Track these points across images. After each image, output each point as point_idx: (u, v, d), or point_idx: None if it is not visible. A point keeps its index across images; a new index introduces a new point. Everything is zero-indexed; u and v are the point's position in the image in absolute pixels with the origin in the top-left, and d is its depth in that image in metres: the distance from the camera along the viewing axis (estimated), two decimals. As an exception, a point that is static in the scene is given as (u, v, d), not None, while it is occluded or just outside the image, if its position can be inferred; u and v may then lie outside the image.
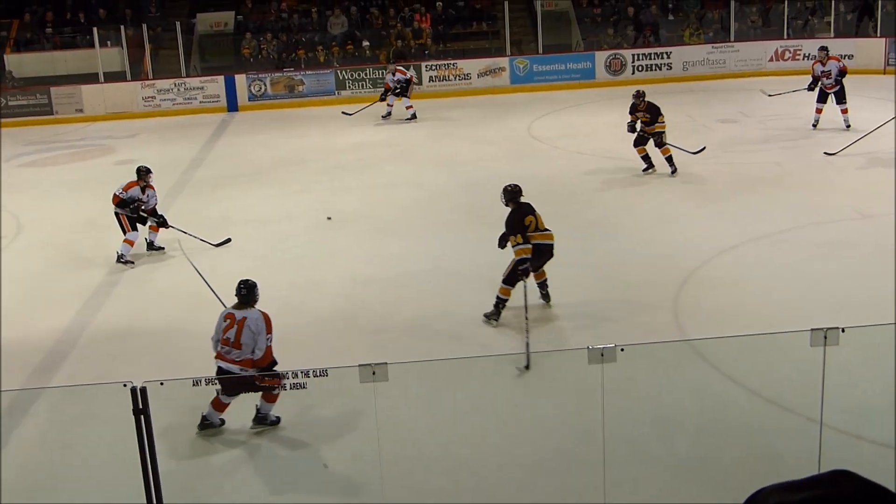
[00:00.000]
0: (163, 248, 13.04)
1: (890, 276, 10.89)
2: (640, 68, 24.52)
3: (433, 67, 24.21)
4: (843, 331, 6.04)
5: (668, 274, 11.24)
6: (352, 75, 24.08)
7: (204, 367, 7.90)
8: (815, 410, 6.61)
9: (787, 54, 24.68)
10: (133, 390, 5.98)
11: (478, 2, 26.50)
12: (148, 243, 13.05)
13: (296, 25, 25.64)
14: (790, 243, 12.18)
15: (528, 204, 10.14)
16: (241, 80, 23.91)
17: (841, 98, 18.02)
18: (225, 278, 11.95)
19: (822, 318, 7.13)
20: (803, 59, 24.34)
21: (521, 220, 9.89)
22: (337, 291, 11.38)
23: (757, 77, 24.07)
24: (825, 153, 16.12)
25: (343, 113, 21.65)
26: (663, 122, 15.32)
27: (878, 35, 24.19)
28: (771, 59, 24.64)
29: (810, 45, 24.51)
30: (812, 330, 6.07)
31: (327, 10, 25.88)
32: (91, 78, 23.76)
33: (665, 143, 15.35)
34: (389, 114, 21.32)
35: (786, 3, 25.19)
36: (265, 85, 23.93)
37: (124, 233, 12.76)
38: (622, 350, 6.01)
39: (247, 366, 7.69)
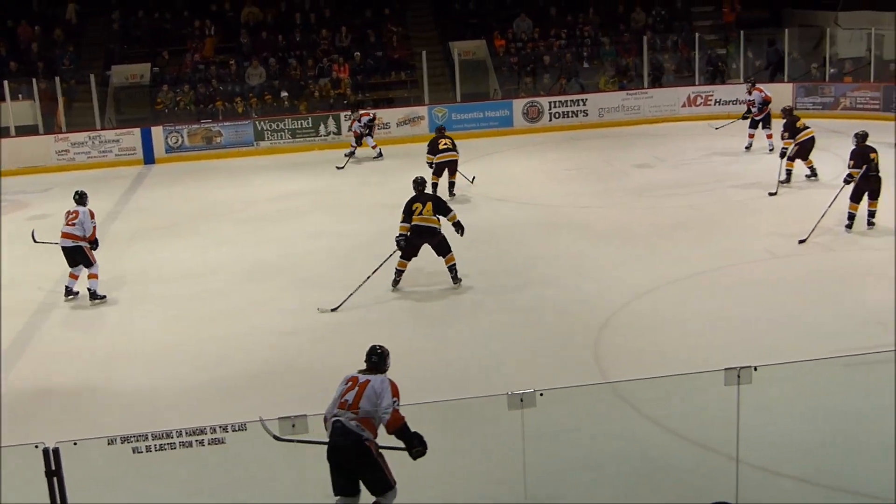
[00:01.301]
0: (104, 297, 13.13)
1: (802, 315, 11.15)
2: (556, 115, 24.87)
3: (352, 117, 24.28)
4: (755, 369, 6.16)
5: (588, 318, 11.36)
6: (270, 126, 24.03)
7: (118, 425, 7.74)
8: (733, 448, 6.71)
9: (700, 100, 25.27)
10: (45, 451, 5.83)
11: (396, 52, 26.71)
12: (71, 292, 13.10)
13: (213, 76, 25.54)
14: (706, 285, 12.40)
15: (426, 193, 13.07)
16: (157, 132, 23.69)
17: (766, 124, 20.08)
18: (144, 334, 11.89)
19: (739, 357, 7.25)
20: (715, 104, 24.98)
21: (409, 205, 12.71)
22: (261, 344, 11.26)
23: (671, 122, 24.60)
24: (769, 193, 16.56)
25: (337, 167, 21.56)
26: None
27: (787, 80, 24.92)
28: (684, 105, 25.19)
29: (722, 91, 25.22)
30: (726, 369, 6.18)
31: (245, 62, 25.84)
32: (2, 132, 23.33)
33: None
34: (353, 153, 21.94)
35: (696, 51, 25.82)
36: (182, 137, 23.75)
37: (88, 266, 12.96)
38: (541, 395, 6.04)
39: (364, 425, 6.93)
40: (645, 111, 25.12)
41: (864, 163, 14.21)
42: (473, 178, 18.67)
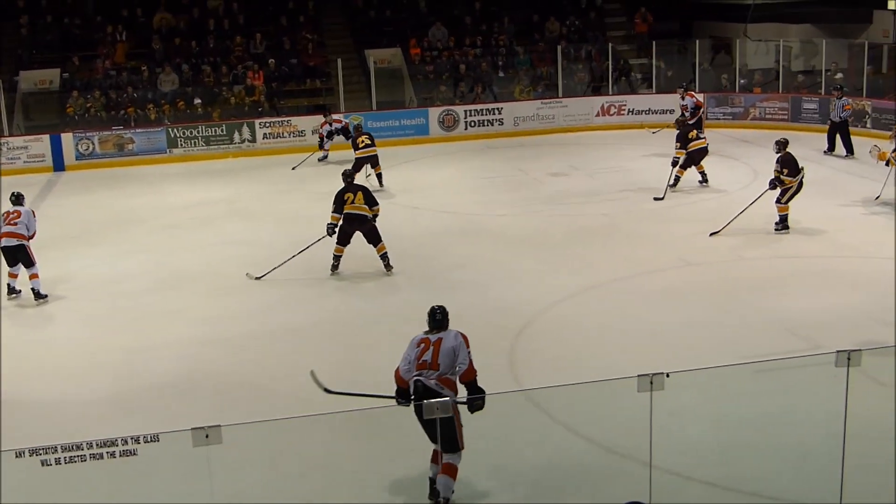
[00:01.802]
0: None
1: (714, 322, 11.37)
2: (472, 124, 25.01)
3: (267, 125, 24.11)
4: (667, 375, 6.25)
5: (503, 325, 11.42)
6: (184, 133, 23.73)
7: (27, 437, 7.56)
8: (646, 453, 6.80)
9: (613, 109, 25.64)
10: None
11: (311, 59, 26.59)
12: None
13: (125, 83, 25.11)
14: (620, 292, 12.57)
15: (355, 185, 13.67)
16: (67, 138, 23.22)
17: (699, 128, 20.10)
18: (55, 344, 11.64)
19: (653, 363, 7.35)
20: (628, 113, 25.37)
21: (340, 195, 13.46)
22: (175, 353, 11.10)
23: (585, 132, 24.89)
24: (655, 198, 16.76)
25: (293, 168, 21.80)
26: None
27: (698, 90, 25.36)
28: (598, 115, 25.53)
29: (634, 101, 25.62)
30: (638, 376, 6.26)
31: (157, 68, 25.47)
32: None
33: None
34: (326, 157, 22.39)
35: (610, 61, 26.17)
36: (93, 144, 23.32)
37: (30, 266, 12.97)
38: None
39: (444, 384, 7.40)
40: (559, 120, 25.39)
41: (797, 169, 14.83)
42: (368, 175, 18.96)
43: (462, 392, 7.41)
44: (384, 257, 13.66)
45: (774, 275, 13.15)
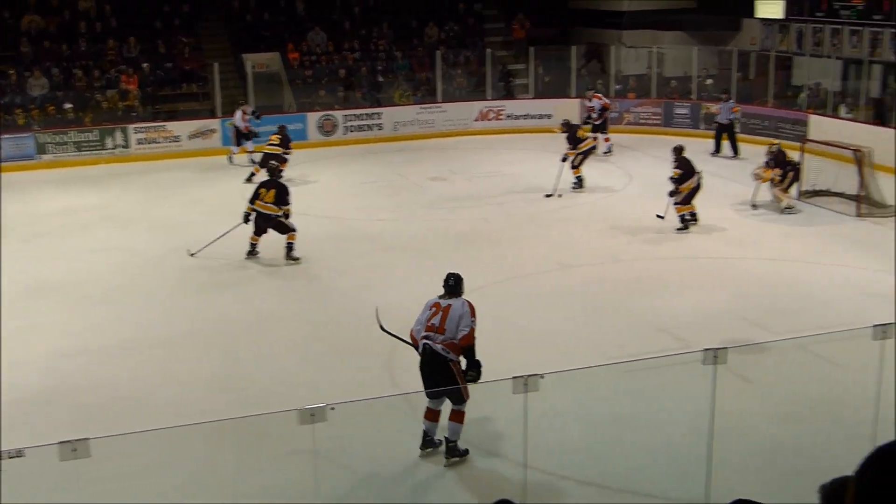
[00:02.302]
0: None
1: (589, 323, 11.56)
2: (351, 129, 24.92)
3: (141, 130, 23.59)
4: (542, 377, 6.33)
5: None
6: (54, 139, 23.03)
7: None
8: (521, 454, 6.87)
9: (492, 114, 25.86)
10: None
11: (187, 63, 26.13)
12: None
13: (-8, 86, 24.27)
14: (498, 295, 12.67)
15: (273, 181, 14.34)
16: (-70, 144, 22.32)
17: (604, 128, 21.67)
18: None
19: (529, 365, 7.43)
20: (507, 118, 25.62)
21: (258, 187, 14.29)
22: (42, 366, 10.75)
23: (464, 136, 25.04)
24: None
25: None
26: None
27: (574, 96, 25.80)
28: (477, 119, 25.72)
29: (513, 106, 25.89)
30: (513, 378, 6.32)
31: (26, 71, 24.69)
32: None
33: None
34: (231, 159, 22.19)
35: (488, 66, 26.39)
36: (-42, 149, 22.47)
37: None
38: (332, 409, 6.02)
39: (449, 347, 8.07)
40: (439, 125, 25.48)
41: (694, 171, 15.62)
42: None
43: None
44: (289, 247, 14.17)
45: (647, 276, 13.44)
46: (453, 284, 8.42)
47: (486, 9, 29.54)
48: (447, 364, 8.05)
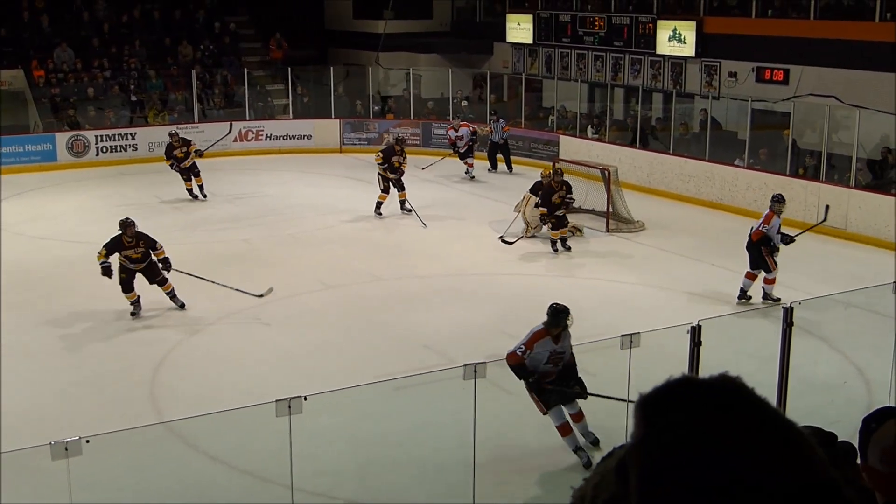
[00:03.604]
0: None
1: (353, 342, 11.60)
2: (104, 150, 24.00)
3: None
4: (305, 399, 6.30)
5: (144, 356, 11.05)
6: None
7: None
8: (288, 477, 6.80)
9: (251, 135, 25.53)
10: None
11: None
12: None
13: None
14: (261, 317, 12.53)
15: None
16: None
17: (470, 154, 21.85)
18: None
19: (293, 387, 7.38)
20: (266, 139, 25.34)
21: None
22: None
23: (223, 157, 24.52)
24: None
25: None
26: None
27: (333, 117, 25.87)
28: (235, 140, 25.26)
29: (272, 126, 25.64)
30: (276, 401, 6.26)
31: None
32: None
33: None
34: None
35: (246, 87, 26.02)
36: None
37: None
38: (87, 441, 5.77)
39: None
40: (197, 146, 24.85)
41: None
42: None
43: None
44: (171, 295, 12.94)
45: (410, 294, 13.63)
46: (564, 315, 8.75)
47: (242, 28, 29.21)
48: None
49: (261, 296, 12.97)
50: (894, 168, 17.38)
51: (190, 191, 19.79)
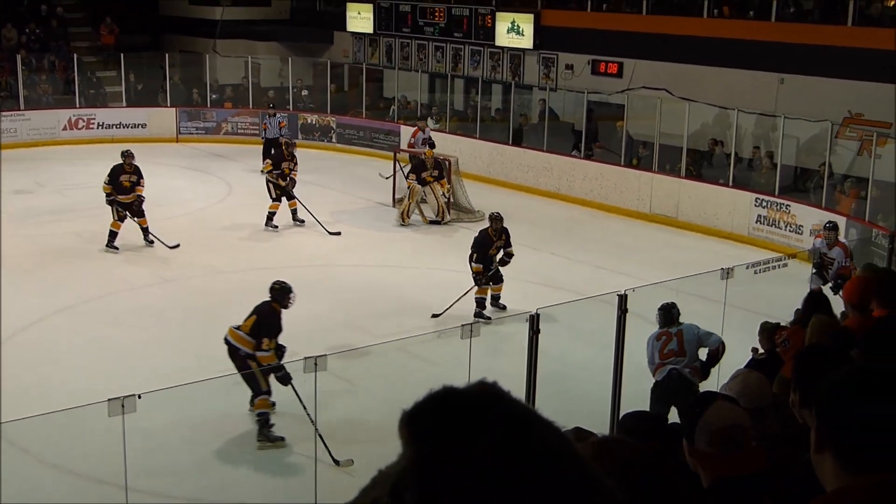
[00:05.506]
0: None
1: (190, 337, 11.34)
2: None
3: None
4: (139, 397, 6.11)
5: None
6: None
7: None
8: (122, 477, 6.60)
9: (81, 123, 24.59)
10: None
11: None
12: None
13: None
14: (92, 314, 12.13)
15: None
16: None
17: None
18: None
19: (127, 385, 7.16)
20: (98, 127, 24.46)
21: None
22: None
23: (51, 146, 23.62)
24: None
25: None
26: None
27: (169, 105, 25.20)
28: (65, 128, 24.33)
29: (104, 115, 24.77)
30: (109, 400, 6.05)
31: None
32: None
33: None
34: None
35: (76, 72, 25.05)
36: None
37: None
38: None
39: (695, 373, 8.41)
40: (23, 134, 23.81)
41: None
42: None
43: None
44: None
45: (250, 287, 13.35)
46: (675, 313, 8.70)
47: (70, 11, 28.12)
48: (694, 390, 8.08)
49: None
50: (720, 158, 18.08)
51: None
